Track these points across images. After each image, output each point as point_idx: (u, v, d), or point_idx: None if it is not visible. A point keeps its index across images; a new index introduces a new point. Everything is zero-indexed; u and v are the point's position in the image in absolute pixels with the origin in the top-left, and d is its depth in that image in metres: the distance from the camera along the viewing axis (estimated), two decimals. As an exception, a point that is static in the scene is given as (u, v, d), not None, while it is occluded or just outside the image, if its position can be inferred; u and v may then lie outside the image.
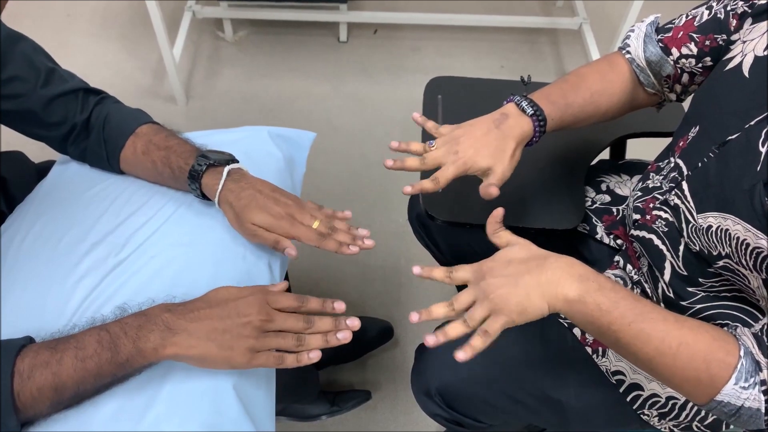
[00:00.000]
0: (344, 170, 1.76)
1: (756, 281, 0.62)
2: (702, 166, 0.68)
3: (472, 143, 0.75)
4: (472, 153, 0.75)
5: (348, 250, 0.74)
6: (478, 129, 0.77)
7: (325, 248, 0.73)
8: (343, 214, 0.79)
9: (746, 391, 0.58)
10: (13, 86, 0.74)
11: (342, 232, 0.75)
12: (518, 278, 0.63)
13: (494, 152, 0.75)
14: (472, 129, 0.77)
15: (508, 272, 0.64)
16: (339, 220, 0.77)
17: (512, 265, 0.65)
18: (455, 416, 0.90)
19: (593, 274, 0.63)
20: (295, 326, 0.65)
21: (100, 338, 0.59)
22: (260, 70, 2.00)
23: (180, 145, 0.78)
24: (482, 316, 0.64)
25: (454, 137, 0.77)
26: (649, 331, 0.61)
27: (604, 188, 0.95)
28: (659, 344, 0.60)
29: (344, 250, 0.74)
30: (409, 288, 1.54)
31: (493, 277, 0.64)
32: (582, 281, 0.62)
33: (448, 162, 0.75)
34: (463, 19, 2.03)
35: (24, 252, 0.74)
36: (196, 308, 0.63)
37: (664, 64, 0.80)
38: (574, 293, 0.62)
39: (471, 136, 0.76)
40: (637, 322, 0.61)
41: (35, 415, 0.59)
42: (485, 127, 0.77)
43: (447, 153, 0.76)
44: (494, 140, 0.75)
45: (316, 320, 0.66)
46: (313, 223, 0.74)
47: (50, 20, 2.10)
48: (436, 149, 0.77)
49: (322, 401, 1.31)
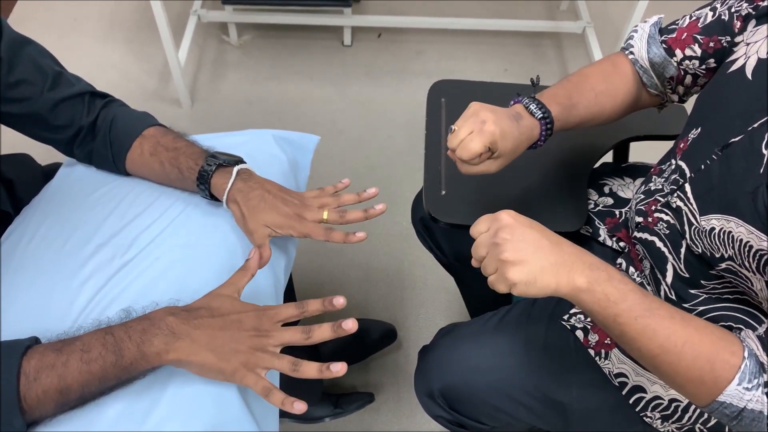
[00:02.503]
0: (348, 173, 1.76)
1: (759, 283, 0.62)
2: (705, 169, 0.68)
3: (499, 124, 0.72)
4: (499, 132, 0.72)
5: (354, 238, 0.75)
6: (501, 114, 0.74)
7: (333, 241, 0.75)
8: (342, 184, 0.81)
9: (749, 393, 0.58)
10: (21, 90, 0.74)
11: (353, 211, 0.77)
12: (536, 248, 0.62)
13: (513, 144, 0.74)
14: (497, 112, 0.73)
15: (527, 237, 0.62)
16: (345, 195, 0.79)
17: (533, 231, 0.63)
18: (458, 418, 0.90)
19: (603, 265, 0.63)
20: (294, 338, 0.64)
21: (105, 341, 0.60)
22: (265, 73, 2.01)
23: (188, 146, 0.79)
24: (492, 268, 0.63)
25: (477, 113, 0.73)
26: (655, 327, 0.60)
27: (607, 191, 0.95)
28: (664, 341, 0.60)
29: (350, 239, 0.75)
30: (412, 290, 1.54)
31: (511, 234, 0.62)
32: (593, 270, 0.62)
33: (474, 131, 0.71)
34: (466, 23, 2.03)
35: (30, 253, 0.75)
36: (200, 315, 0.63)
37: (668, 66, 0.80)
38: (584, 281, 0.61)
39: (497, 117, 0.73)
40: (644, 317, 0.60)
41: (40, 416, 0.59)
42: (508, 115, 0.74)
43: (474, 123, 0.72)
44: (515, 131, 0.74)
45: (314, 329, 0.64)
46: (324, 214, 0.75)
47: (57, 24, 2.12)
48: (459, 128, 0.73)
49: (325, 403, 1.31)
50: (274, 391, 0.61)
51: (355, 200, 0.79)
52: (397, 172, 1.76)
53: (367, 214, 0.77)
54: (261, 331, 0.63)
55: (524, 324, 0.87)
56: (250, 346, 0.62)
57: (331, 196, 0.79)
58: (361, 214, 0.77)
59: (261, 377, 0.62)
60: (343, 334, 0.64)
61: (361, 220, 0.77)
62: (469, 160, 0.73)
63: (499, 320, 0.89)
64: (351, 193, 0.79)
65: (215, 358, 0.61)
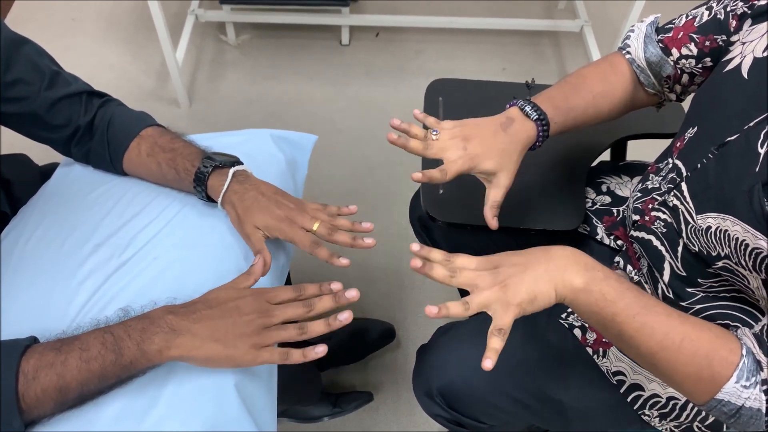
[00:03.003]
0: (346, 172, 1.76)
1: (756, 281, 0.62)
2: (701, 167, 0.68)
3: (480, 142, 0.74)
4: (480, 151, 0.74)
5: (338, 262, 0.73)
6: (486, 129, 0.75)
7: (317, 256, 0.73)
8: (348, 210, 0.80)
9: (747, 390, 0.58)
10: (18, 89, 0.74)
11: (342, 233, 0.75)
12: (526, 266, 0.63)
13: (501, 155, 0.74)
14: (480, 128, 0.76)
15: (515, 261, 0.64)
16: (341, 220, 0.77)
17: (518, 256, 0.65)
18: (456, 417, 0.90)
19: (598, 264, 0.63)
20: (296, 313, 0.65)
21: (104, 340, 0.60)
22: (263, 73, 2.01)
23: (185, 147, 0.79)
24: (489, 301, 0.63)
25: (462, 133, 0.75)
26: (653, 325, 0.60)
27: (605, 189, 0.95)
28: (662, 338, 0.60)
29: (334, 262, 0.73)
30: (410, 290, 1.54)
31: (503, 266, 0.64)
32: (588, 270, 0.62)
33: (455, 156, 0.74)
34: (465, 22, 2.03)
35: (28, 253, 0.75)
36: (198, 309, 0.63)
37: (665, 65, 0.80)
38: (580, 281, 0.61)
39: (479, 135, 0.75)
40: (642, 315, 0.60)
41: (39, 415, 0.59)
42: (493, 128, 0.76)
43: (455, 147, 0.74)
44: (501, 143, 0.75)
45: (316, 302, 0.66)
46: (314, 225, 0.74)
47: (55, 24, 2.11)
48: (439, 140, 0.75)
49: (324, 403, 1.31)
50: (291, 352, 0.64)
51: (348, 227, 0.77)
52: (396, 171, 1.76)
53: (354, 243, 0.75)
54: (262, 312, 0.64)
55: (522, 323, 0.87)
56: (254, 328, 0.63)
57: (327, 214, 0.77)
58: (348, 240, 0.75)
59: (273, 349, 0.63)
60: (345, 302, 0.67)
61: (347, 245, 0.75)
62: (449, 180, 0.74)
63: (497, 319, 0.89)
64: (347, 220, 0.77)
65: (222, 347, 0.61)
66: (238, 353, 0.62)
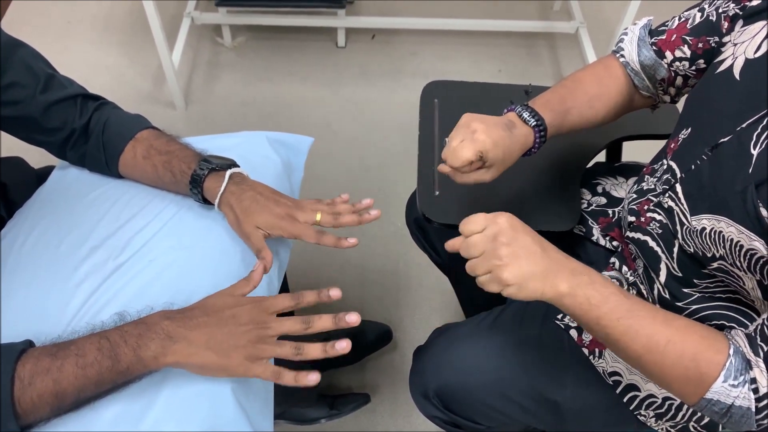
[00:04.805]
0: (342, 174, 1.76)
1: (751, 282, 0.63)
2: (695, 169, 0.68)
3: (489, 134, 0.73)
4: (490, 141, 0.73)
5: (346, 243, 0.75)
6: (493, 124, 0.75)
7: (324, 244, 0.75)
8: (341, 199, 0.81)
9: (735, 389, 0.58)
10: (13, 92, 0.74)
11: (346, 215, 0.76)
12: (530, 253, 0.63)
13: (504, 151, 0.74)
14: (487, 122, 0.75)
15: (523, 243, 0.64)
16: (341, 205, 0.78)
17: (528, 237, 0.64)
18: (453, 418, 0.90)
19: (586, 270, 0.64)
20: (293, 328, 0.64)
21: (101, 346, 0.60)
22: (259, 75, 2.01)
23: (181, 149, 0.79)
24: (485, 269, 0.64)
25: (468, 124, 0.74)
26: (636, 328, 0.61)
27: (600, 190, 0.95)
28: (647, 341, 0.61)
29: (342, 244, 0.75)
30: (407, 291, 1.54)
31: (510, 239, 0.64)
32: (575, 275, 0.63)
33: (465, 141, 0.73)
34: (460, 23, 2.04)
35: (24, 256, 0.74)
36: (194, 316, 0.63)
37: (658, 68, 0.81)
38: (566, 286, 0.62)
39: (487, 127, 0.74)
40: (626, 318, 0.61)
41: (35, 420, 0.59)
42: (500, 125, 0.75)
43: (464, 132, 0.74)
44: (507, 140, 0.75)
45: (314, 319, 0.64)
46: (316, 216, 0.75)
47: (51, 27, 2.11)
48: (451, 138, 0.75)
49: (321, 405, 1.31)
50: (284, 372, 0.62)
51: (349, 210, 0.78)
52: (392, 173, 1.76)
53: (361, 219, 0.77)
54: (258, 323, 0.63)
55: (519, 323, 0.88)
56: (250, 340, 0.62)
57: (325, 204, 0.78)
58: (355, 218, 0.77)
59: (267, 365, 0.62)
60: (344, 326, 0.64)
61: (354, 224, 0.77)
62: (460, 167, 0.74)
63: (493, 320, 0.90)
64: (346, 205, 0.79)
65: (216, 356, 0.61)
66: (232, 364, 0.61)
